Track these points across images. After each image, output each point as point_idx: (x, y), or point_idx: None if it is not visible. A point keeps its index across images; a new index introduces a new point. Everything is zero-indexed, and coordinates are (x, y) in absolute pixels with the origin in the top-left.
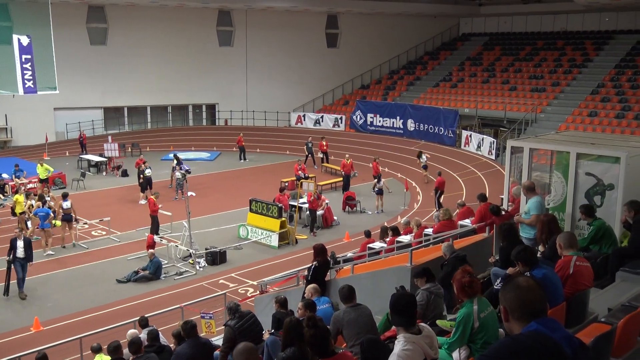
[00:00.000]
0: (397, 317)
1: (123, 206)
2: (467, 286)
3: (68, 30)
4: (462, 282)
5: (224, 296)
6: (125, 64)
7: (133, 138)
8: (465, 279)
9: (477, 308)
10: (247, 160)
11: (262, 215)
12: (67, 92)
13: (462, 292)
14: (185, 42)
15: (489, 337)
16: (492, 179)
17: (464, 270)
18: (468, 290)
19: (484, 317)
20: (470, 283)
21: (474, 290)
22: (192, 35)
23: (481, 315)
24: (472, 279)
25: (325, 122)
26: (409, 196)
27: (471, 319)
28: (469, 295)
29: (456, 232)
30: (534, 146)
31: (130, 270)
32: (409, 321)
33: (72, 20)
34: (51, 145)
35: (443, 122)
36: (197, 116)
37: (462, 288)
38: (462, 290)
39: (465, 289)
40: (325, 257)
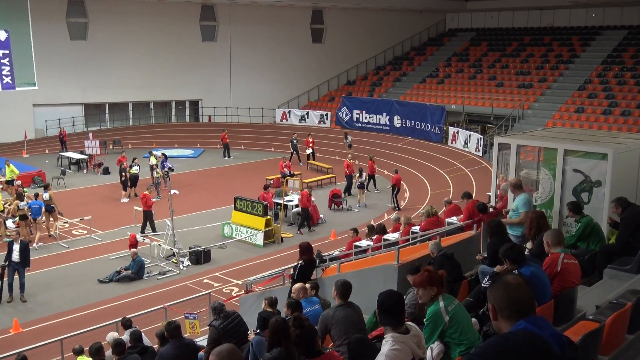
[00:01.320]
0: (384, 316)
1: (104, 205)
2: (427, 280)
3: (47, 24)
4: (422, 279)
5: (208, 296)
6: (107, 60)
7: (114, 135)
8: (424, 274)
9: (443, 304)
10: (231, 157)
11: (246, 214)
12: (47, 88)
13: (426, 286)
14: (168, 37)
15: (463, 328)
16: (479, 176)
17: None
18: (429, 283)
19: (452, 310)
20: (429, 277)
21: (434, 283)
22: (175, 30)
23: (449, 309)
24: (430, 272)
25: (311, 118)
26: None
27: (440, 316)
28: (432, 288)
29: (443, 230)
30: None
31: (112, 270)
32: (396, 320)
33: (52, 14)
34: (30, 143)
35: (430, 118)
36: (180, 113)
37: (423, 283)
38: (426, 283)
39: (425, 282)
40: (311, 255)
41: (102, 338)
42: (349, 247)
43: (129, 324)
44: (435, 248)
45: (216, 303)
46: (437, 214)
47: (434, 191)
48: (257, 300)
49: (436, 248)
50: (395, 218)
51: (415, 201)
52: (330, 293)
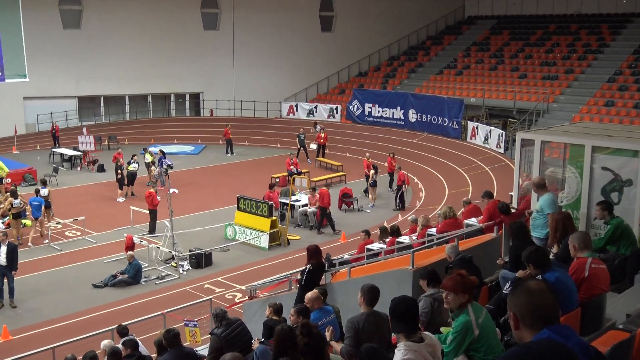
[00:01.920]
0: (397, 323)
1: (99, 204)
2: (460, 286)
3: (39, 12)
4: (454, 283)
5: (210, 302)
6: (102, 50)
7: (110, 130)
8: (457, 279)
9: (474, 315)
10: (234, 154)
11: (251, 214)
12: (38, 80)
13: (458, 292)
14: (167, 25)
15: (491, 342)
16: (500, 175)
17: (457, 273)
18: (462, 290)
19: (482, 322)
20: (462, 282)
21: (467, 289)
22: (175, 18)
23: (479, 321)
24: (464, 277)
25: (320, 112)
26: (410, 192)
27: (470, 328)
28: (463, 295)
29: (462, 232)
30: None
31: (107, 274)
32: (409, 328)
33: (43, 1)
34: (20, 138)
35: (447, 112)
36: (180, 106)
37: (456, 288)
38: (459, 289)
39: (458, 288)
40: (320, 259)
41: (96, 346)
42: (360, 251)
43: (125, 332)
44: (453, 252)
45: (218, 310)
46: (455, 215)
47: (451, 190)
48: (262, 307)
49: (454, 252)
50: (413, 219)
51: (431, 201)
52: (340, 300)
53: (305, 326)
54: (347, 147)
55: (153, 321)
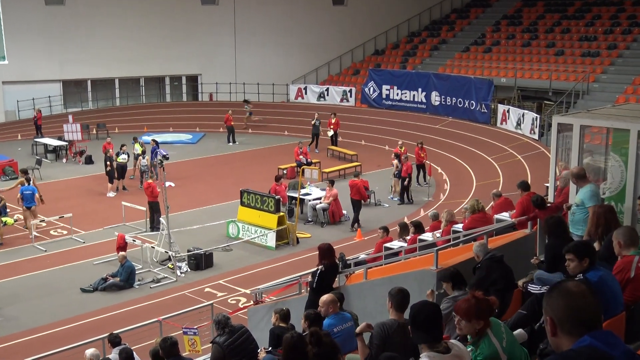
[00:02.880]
0: (418, 333)
1: (88, 200)
2: (474, 312)
3: None
4: (467, 308)
5: (211, 307)
6: (88, 28)
7: (98, 117)
8: (471, 303)
9: (497, 342)
10: (236, 143)
11: (255, 210)
12: (18, 62)
13: (472, 319)
14: (161, 0)
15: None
16: (535, 164)
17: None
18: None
19: (507, 343)
20: (477, 308)
21: (481, 315)
22: None
23: (504, 345)
24: (479, 301)
25: (332, 95)
26: (433, 184)
27: (498, 358)
28: (477, 322)
29: (491, 228)
30: (586, 123)
31: (97, 277)
32: (432, 337)
33: None
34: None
35: (475, 94)
36: (175, 90)
37: (468, 314)
38: (472, 316)
39: (472, 314)
40: (332, 259)
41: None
42: (377, 249)
43: (117, 341)
44: (481, 250)
45: (220, 316)
46: (484, 209)
47: (480, 182)
48: (268, 312)
49: (482, 250)
50: (433, 215)
51: (457, 194)
52: (356, 305)
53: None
54: (363, 134)
55: (148, 329)
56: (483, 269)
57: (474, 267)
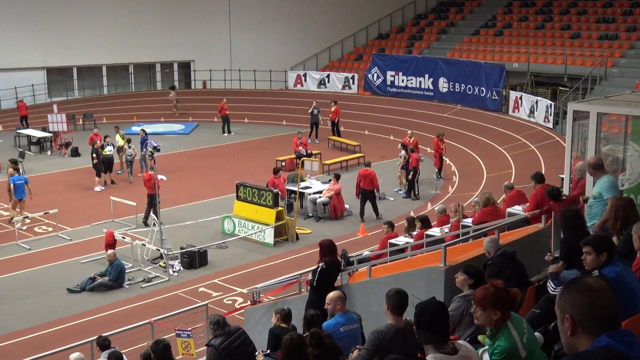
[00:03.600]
0: (423, 333)
1: (74, 195)
2: (491, 300)
3: None
4: (484, 296)
5: (206, 308)
6: (75, 12)
7: (85, 107)
8: (489, 291)
9: (517, 335)
10: (232, 133)
11: (252, 204)
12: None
13: (487, 307)
14: None
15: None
16: (549, 154)
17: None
18: (492, 305)
19: (527, 340)
20: (495, 297)
21: (499, 305)
22: None
23: (524, 340)
24: (498, 290)
25: (333, 82)
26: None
27: (517, 351)
28: (494, 312)
29: (503, 223)
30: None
31: (84, 276)
32: (438, 338)
33: None
34: None
35: (485, 80)
36: (167, 78)
37: (484, 302)
38: (488, 304)
39: (488, 302)
40: (334, 256)
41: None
42: (382, 246)
43: (106, 344)
44: (492, 246)
45: (215, 317)
46: (495, 202)
47: (490, 173)
48: (267, 313)
49: (493, 246)
50: (440, 209)
51: (467, 187)
52: (360, 304)
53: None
54: (366, 123)
55: (139, 331)
56: (494, 266)
57: (485, 264)
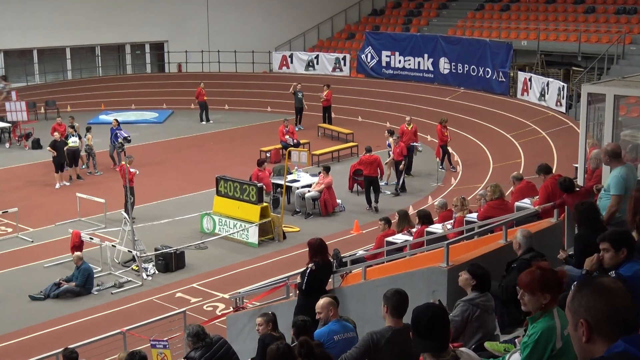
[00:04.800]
0: (420, 340)
1: (36, 191)
2: (539, 283)
3: None
4: (531, 279)
5: (183, 316)
6: None
7: (47, 93)
8: (536, 274)
9: (560, 322)
10: (210, 121)
11: (234, 200)
12: None
13: (536, 291)
14: None
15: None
16: (562, 141)
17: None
18: (541, 287)
19: (567, 334)
20: (542, 278)
21: (549, 287)
22: None
23: (565, 333)
24: (545, 272)
25: (322, 64)
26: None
27: (553, 336)
28: (544, 295)
29: (511, 218)
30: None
31: (48, 281)
32: (436, 344)
33: None
34: None
35: (491, 60)
36: (138, 60)
37: (532, 286)
38: (536, 287)
39: (536, 285)
40: (325, 256)
41: None
42: (378, 244)
43: (73, 357)
44: (527, 243)
45: (194, 328)
46: (503, 195)
47: (497, 163)
48: (251, 320)
49: (527, 243)
50: (441, 204)
51: (471, 178)
52: (354, 309)
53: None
54: (359, 109)
55: (110, 342)
56: (521, 268)
57: (509, 263)
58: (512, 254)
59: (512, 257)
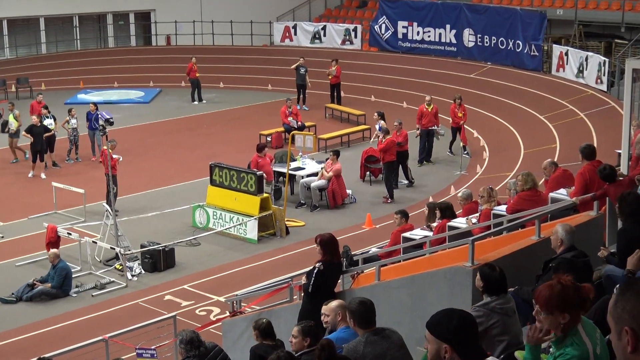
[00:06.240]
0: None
1: (7, 180)
2: (558, 301)
3: None
4: (549, 296)
5: (173, 321)
6: None
7: (18, 70)
8: (556, 289)
9: (591, 344)
10: (203, 101)
11: (230, 190)
12: None
13: (554, 310)
14: None
15: None
16: (603, 123)
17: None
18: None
19: (601, 350)
20: (562, 296)
21: (568, 306)
22: None
23: (597, 352)
24: (566, 288)
25: (330, 36)
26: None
27: None
28: (562, 315)
29: (545, 211)
30: None
31: (21, 282)
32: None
33: None
34: None
35: (521, 32)
36: (121, 32)
37: (549, 304)
38: (553, 306)
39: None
40: (336, 255)
41: None
42: (394, 241)
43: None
44: (570, 239)
45: (188, 334)
46: (536, 185)
47: (529, 149)
48: (249, 326)
49: (570, 239)
50: (465, 195)
51: (499, 166)
52: None
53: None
54: (372, 87)
55: (90, 350)
56: (562, 267)
57: (547, 262)
58: (546, 252)
59: (546, 255)
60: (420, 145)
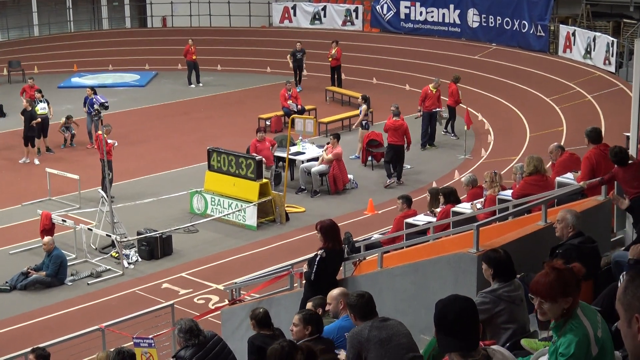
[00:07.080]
0: (445, 338)
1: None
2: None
3: None
4: (548, 284)
5: (171, 310)
6: None
7: (10, 53)
8: (553, 276)
9: (591, 328)
10: (200, 84)
11: (229, 176)
12: None
13: (558, 298)
14: None
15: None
16: (611, 106)
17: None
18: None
19: (603, 334)
20: (562, 282)
21: (569, 291)
22: None
23: (598, 335)
24: (562, 272)
25: (330, 17)
26: (472, 138)
27: (588, 345)
28: (565, 300)
29: (552, 196)
30: None
31: (15, 271)
32: (464, 343)
33: None
34: None
35: (527, 11)
36: (116, 13)
37: (552, 293)
38: (558, 294)
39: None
40: (337, 242)
41: None
42: (396, 227)
43: (45, 356)
44: (576, 221)
45: (187, 323)
46: (543, 169)
47: (535, 132)
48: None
49: (576, 222)
50: (469, 180)
51: (504, 149)
52: None
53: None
54: (374, 69)
55: (86, 340)
56: (567, 254)
57: (554, 248)
58: (552, 237)
59: (553, 241)
60: (423, 128)
